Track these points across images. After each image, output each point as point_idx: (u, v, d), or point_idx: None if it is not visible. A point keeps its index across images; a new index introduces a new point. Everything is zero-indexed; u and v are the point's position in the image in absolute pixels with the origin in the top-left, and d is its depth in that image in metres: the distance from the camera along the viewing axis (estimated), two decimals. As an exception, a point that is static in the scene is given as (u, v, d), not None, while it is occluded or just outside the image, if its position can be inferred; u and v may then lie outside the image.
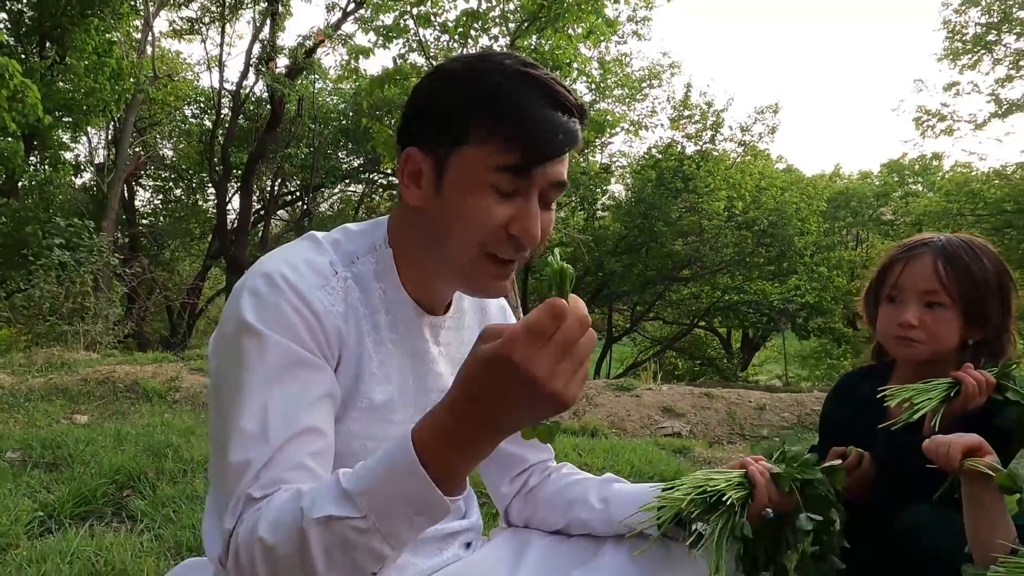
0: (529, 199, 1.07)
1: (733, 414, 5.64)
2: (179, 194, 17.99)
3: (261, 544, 0.92)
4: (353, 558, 0.89)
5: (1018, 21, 14.89)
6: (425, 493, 0.86)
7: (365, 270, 1.18)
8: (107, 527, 2.52)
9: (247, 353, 1.04)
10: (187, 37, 13.10)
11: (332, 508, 0.88)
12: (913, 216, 18.04)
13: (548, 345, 0.78)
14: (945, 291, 1.49)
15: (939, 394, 1.42)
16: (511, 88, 1.06)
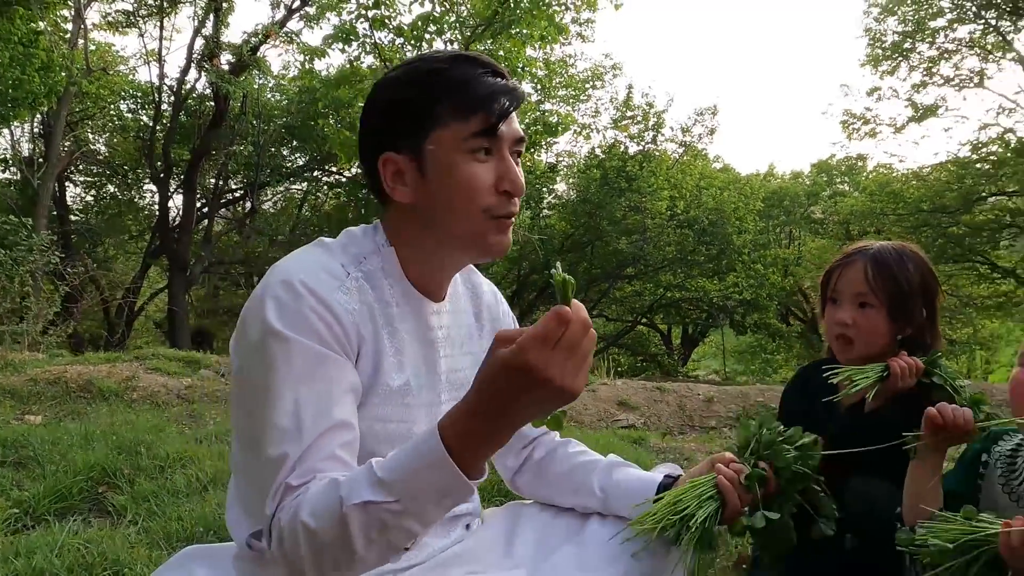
0: (503, 156, 1.23)
1: (683, 407, 5.89)
2: (113, 190, 17.35)
3: (304, 528, 1.02)
4: (388, 537, 1.01)
5: (930, 30, 15.81)
6: (452, 480, 0.98)
7: (374, 268, 1.28)
8: (88, 522, 2.53)
9: (275, 356, 1.13)
10: (122, 30, 12.64)
11: (369, 494, 0.99)
12: (841, 216, 18.89)
13: (557, 348, 0.90)
14: (873, 293, 1.71)
15: (874, 375, 1.64)
16: (453, 70, 1.23)
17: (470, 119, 1.20)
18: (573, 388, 0.92)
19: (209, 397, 4.86)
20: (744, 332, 20.23)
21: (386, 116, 1.27)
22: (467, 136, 1.20)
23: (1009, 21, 15.14)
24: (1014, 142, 14.93)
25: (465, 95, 1.21)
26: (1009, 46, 15.34)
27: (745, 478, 1.31)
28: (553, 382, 0.90)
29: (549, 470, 1.56)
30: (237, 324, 1.28)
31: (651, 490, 1.43)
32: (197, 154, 12.91)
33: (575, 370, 0.92)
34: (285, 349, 1.13)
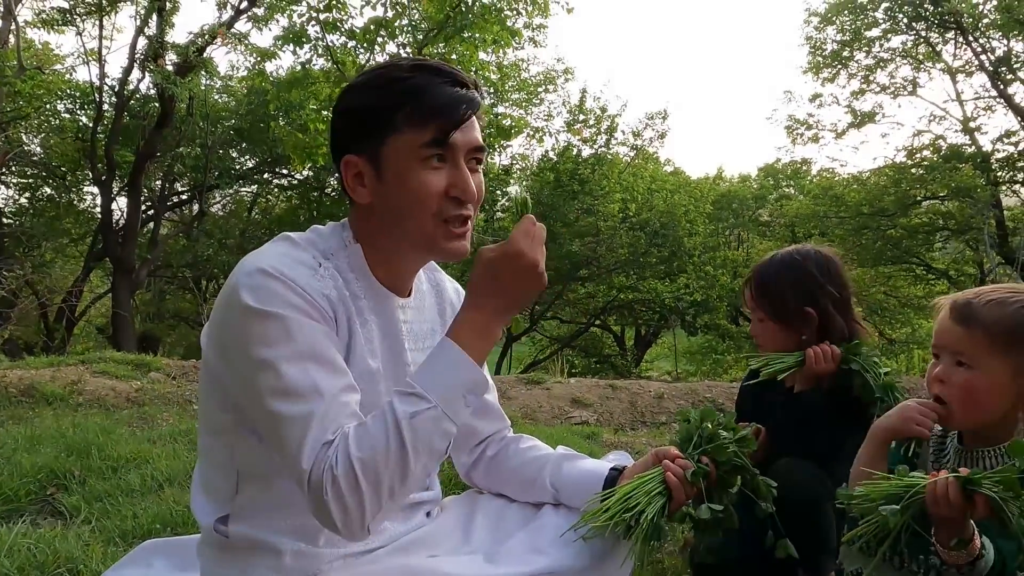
0: (457, 164, 1.29)
1: (635, 403, 5.99)
2: (50, 192, 16.72)
3: (361, 463, 1.11)
4: (432, 443, 1.15)
5: (866, 40, 16.44)
6: (472, 375, 1.18)
7: (341, 264, 1.34)
8: (37, 524, 2.48)
9: (269, 333, 1.17)
10: (59, 28, 12.20)
11: (410, 407, 1.14)
12: (787, 218, 19.46)
13: (534, 240, 1.20)
14: (760, 308, 1.92)
15: (791, 360, 1.80)
16: (413, 79, 1.29)
17: (424, 128, 1.26)
18: (545, 274, 1.22)
19: (161, 399, 4.76)
20: (695, 333, 20.60)
21: (348, 120, 1.33)
22: (422, 144, 1.26)
23: (937, 33, 15.87)
24: (945, 148, 15.63)
25: (421, 104, 1.26)
26: (938, 56, 16.07)
27: (691, 474, 1.37)
28: (537, 265, 1.19)
29: (502, 466, 1.62)
30: (211, 317, 1.31)
31: (598, 483, 1.49)
32: (142, 156, 12.56)
33: (542, 260, 1.21)
34: (277, 324, 1.18)
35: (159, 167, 15.00)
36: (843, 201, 17.06)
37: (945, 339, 1.41)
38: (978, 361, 1.36)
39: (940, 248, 17.66)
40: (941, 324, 1.43)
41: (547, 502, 1.54)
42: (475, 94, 1.31)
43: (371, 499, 1.11)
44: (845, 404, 1.80)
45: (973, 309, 1.37)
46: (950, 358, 1.40)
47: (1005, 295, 1.38)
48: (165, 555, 1.83)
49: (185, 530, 2.32)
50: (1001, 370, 1.35)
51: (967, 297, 1.42)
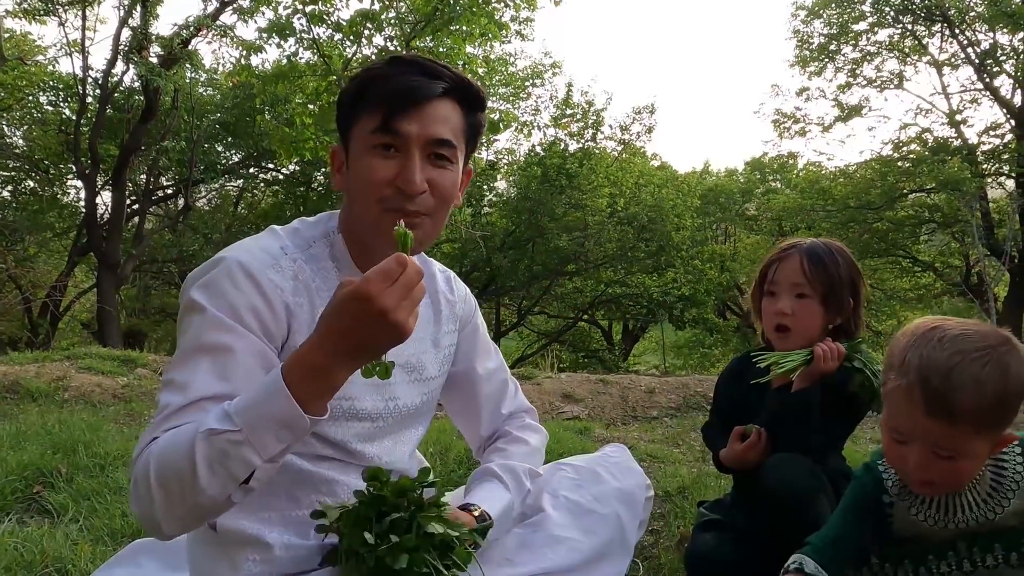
0: (408, 153, 1.27)
1: (626, 398, 6.00)
2: (33, 186, 16.50)
3: (156, 463, 1.09)
4: (228, 467, 1.06)
5: (853, 33, 16.52)
6: (290, 411, 1.06)
7: (320, 253, 1.36)
8: (23, 522, 2.44)
9: (191, 323, 1.21)
10: (40, 19, 12.01)
11: (214, 423, 1.07)
12: (774, 212, 19.55)
13: (395, 285, 1.02)
14: (809, 284, 1.82)
15: (799, 358, 1.76)
16: (381, 70, 1.31)
17: (374, 115, 1.27)
18: (405, 325, 1.03)
19: (147, 396, 4.71)
20: (683, 327, 20.69)
21: (338, 111, 1.38)
22: (369, 132, 1.28)
23: (924, 26, 15.96)
24: (931, 141, 15.74)
25: (373, 91, 1.28)
26: (924, 50, 16.17)
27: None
28: (388, 314, 1.01)
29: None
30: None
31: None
32: (126, 149, 12.41)
33: (408, 309, 1.03)
34: (200, 318, 1.21)
35: (144, 161, 14.83)
36: (830, 194, 17.15)
37: (919, 432, 1.26)
38: (962, 451, 1.25)
39: (926, 241, 17.81)
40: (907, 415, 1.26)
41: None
42: (436, 83, 1.28)
43: (162, 504, 1.08)
44: (839, 399, 1.80)
45: (954, 403, 1.20)
46: (925, 447, 1.27)
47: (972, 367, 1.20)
48: (154, 555, 1.82)
49: (175, 529, 2.29)
50: (983, 447, 1.27)
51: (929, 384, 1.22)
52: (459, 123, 1.33)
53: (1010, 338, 1.26)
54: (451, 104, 1.31)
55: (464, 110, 1.34)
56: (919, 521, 1.39)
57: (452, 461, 3.10)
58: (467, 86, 1.33)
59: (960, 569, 1.36)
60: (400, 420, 1.45)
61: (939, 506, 1.38)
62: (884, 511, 1.42)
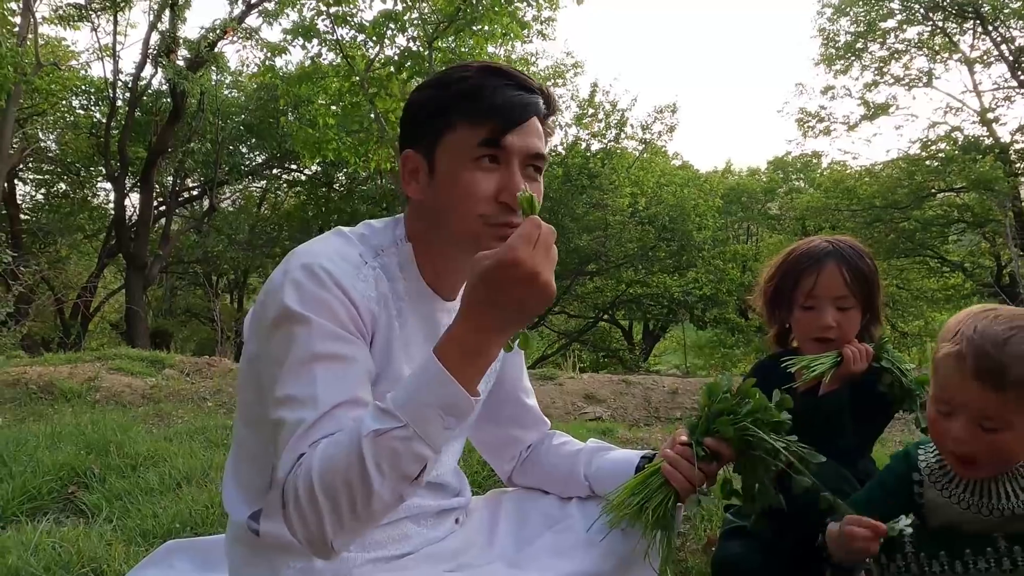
0: (510, 167, 1.24)
1: (649, 399, 5.98)
2: (65, 189, 16.84)
3: (319, 477, 1.05)
4: (399, 466, 1.05)
5: (881, 31, 16.28)
6: (453, 395, 1.05)
7: (390, 262, 1.33)
8: (60, 522, 2.50)
9: (294, 335, 1.17)
10: (74, 24, 12.27)
11: (376, 424, 1.04)
12: (797, 211, 19.35)
13: (537, 246, 1.02)
14: (852, 295, 1.78)
15: (829, 361, 1.73)
16: (477, 79, 1.27)
17: (479, 127, 1.23)
18: (551, 285, 1.03)
19: (175, 396, 4.80)
20: (704, 327, 20.56)
21: (410, 116, 1.33)
22: (474, 143, 1.23)
23: (955, 23, 15.69)
24: (961, 140, 15.47)
25: (477, 103, 1.24)
26: (955, 47, 15.90)
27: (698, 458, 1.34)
28: (539, 276, 1.01)
29: (537, 466, 1.63)
30: (254, 307, 1.32)
31: (629, 474, 1.47)
32: (154, 152, 12.62)
33: (550, 269, 1.03)
34: (304, 329, 1.17)
35: (171, 163, 15.08)
36: (855, 194, 16.93)
37: (966, 400, 1.25)
38: (1007, 423, 1.23)
39: (956, 240, 17.50)
40: (957, 383, 1.25)
41: (582, 496, 1.55)
42: (538, 99, 1.28)
43: (330, 517, 1.05)
44: (868, 400, 1.78)
45: (1006, 371, 1.19)
46: (971, 418, 1.25)
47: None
48: (186, 556, 1.84)
49: (205, 530, 2.34)
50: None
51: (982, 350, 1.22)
52: (543, 133, 1.31)
53: None
54: (538, 116, 1.30)
55: (544, 120, 1.32)
56: (951, 505, 1.36)
57: (476, 463, 3.12)
58: (549, 97, 1.32)
59: (999, 567, 1.33)
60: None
61: (974, 490, 1.35)
62: (913, 489, 1.41)
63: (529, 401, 1.65)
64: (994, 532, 1.34)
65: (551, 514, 1.56)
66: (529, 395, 1.66)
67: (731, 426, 1.37)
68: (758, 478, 1.40)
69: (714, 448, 1.37)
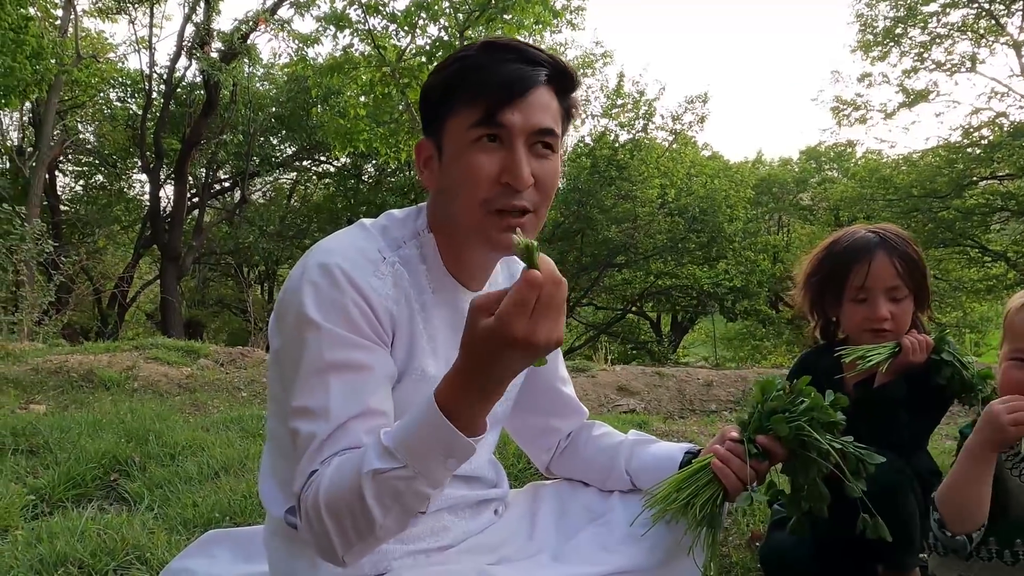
0: (513, 147, 1.18)
1: (683, 391, 5.92)
2: (102, 180, 17.18)
3: (325, 503, 1.06)
4: (402, 502, 1.04)
5: (922, 15, 15.85)
6: (453, 440, 1.02)
7: (411, 254, 1.29)
8: (104, 509, 2.54)
9: (308, 343, 1.15)
10: (112, 17, 12.48)
11: (378, 463, 1.03)
12: (831, 202, 19.00)
13: (535, 312, 0.95)
14: (905, 285, 1.73)
15: (886, 352, 1.68)
16: (476, 57, 1.21)
17: (475, 106, 1.18)
18: (557, 341, 0.98)
19: (210, 386, 4.86)
20: (734, 319, 20.32)
21: (421, 104, 1.29)
22: (470, 126, 1.18)
23: (1003, 4, 15.20)
24: (1007, 125, 15.01)
25: (473, 82, 1.19)
26: (1002, 30, 15.42)
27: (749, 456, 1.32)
28: (539, 344, 0.96)
29: (577, 457, 1.60)
30: (276, 305, 1.30)
31: (673, 468, 1.44)
32: (188, 143, 12.80)
33: (555, 325, 0.97)
34: (317, 337, 1.15)
35: (203, 154, 15.28)
36: (891, 183, 16.56)
37: None
38: None
39: (999, 230, 17.03)
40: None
41: (623, 489, 1.52)
42: (540, 71, 1.20)
43: (338, 538, 1.07)
44: (925, 393, 1.72)
45: None
46: None
47: None
48: (227, 546, 1.83)
49: (243, 519, 2.35)
50: None
51: None
52: (557, 109, 1.24)
53: None
54: (549, 90, 1.22)
55: (560, 95, 1.25)
56: (1010, 477, 1.35)
57: (512, 455, 3.10)
58: (563, 69, 1.24)
59: None
60: None
61: None
62: None
63: (566, 390, 1.62)
64: None
65: (592, 507, 1.53)
66: (566, 384, 1.63)
67: (786, 424, 1.33)
68: (808, 479, 1.35)
69: (766, 446, 1.34)
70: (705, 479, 1.33)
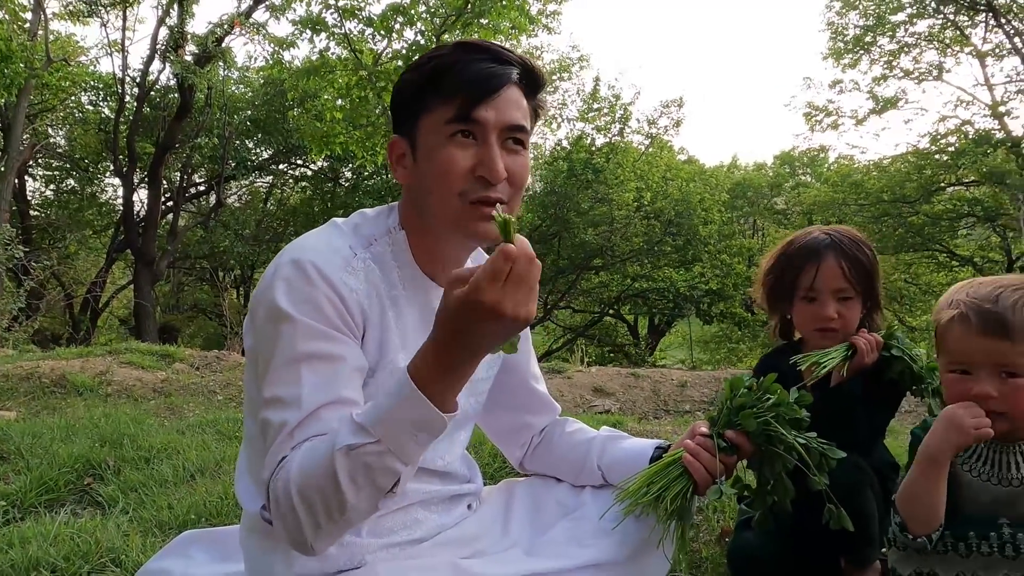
0: (487, 142, 1.23)
1: (658, 392, 5.99)
2: (73, 185, 16.90)
3: (296, 484, 1.08)
4: (373, 479, 1.06)
5: (891, 24, 16.17)
6: (425, 412, 1.05)
7: (383, 251, 1.32)
8: (77, 513, 2.52)
9: (281, 334, 1.18)
10: (84, 19, 12.30)
11: (351, 439, 1.05)
12: (804, 206, 19.27)
13: (507, 283, 0.98)
14: (851, 286, 1.80)
15: (839, 355, 1.75)
16: (450, 56, 1.26)
17: (450, 103, 1.22)
18: (526, 316, 1.01)
19: (186, 390, 4.82)
20: (710, 322, 20.51)
21: (393, 102, 1.33)
22: (445, 121, 1.23)
23: (966, 16, 15.56)
24: (972, 133, 15.36)
25: (448, 80, 1.23)
26: (967, 40, 15.77)
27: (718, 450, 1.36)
28: (507, 315, 0.98)
29: (550, 453, 1.64)
30: (250, 303, 1.32)
31: (644, 464, 1.48)
32: (162, 147, 12.65)
33: (525, 300, 1.00)
34: (290, 328, 1.18)
35: (178, 158, 15.11)
36: (862, 188, 16.85)
37: (981, 355, 1.36)
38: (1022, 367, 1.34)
39: (965, 235, 17.41)
40: (965, 341, 1.36)
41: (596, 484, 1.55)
42: (511, 70, 1.25)
43: (308, 522, 1.08)
44: (881, 389, 1.79)
45: (1006, 319, 1.33)
46: (991, 371, 1.35)
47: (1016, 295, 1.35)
48: (203, 546, 1.84)
49: (220, 520, 2.36)
50: None
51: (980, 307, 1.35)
52: (526, 107, 1.29)
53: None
54: (519, 89, 1.27)
55: (528, 93, 1.30)
56: (963, 473, 1.40)
57: (488, 454, 3.13)
58: (531, 69, 1.29)
59: (1002, 553, 1.37)
60: (455, 424, 1.45)
61: (990, 461, 1.40)
62: None
63: (539, 387, 1.66)
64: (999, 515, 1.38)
65: (565, 502, 1.56)
66: (539, 381, 1.66)
67: (754, 420, 1.38)
68: (774, 474, 1.40)
69: (734, 441, 1.38)
70: (676, 473, 1.37)
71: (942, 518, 1.38)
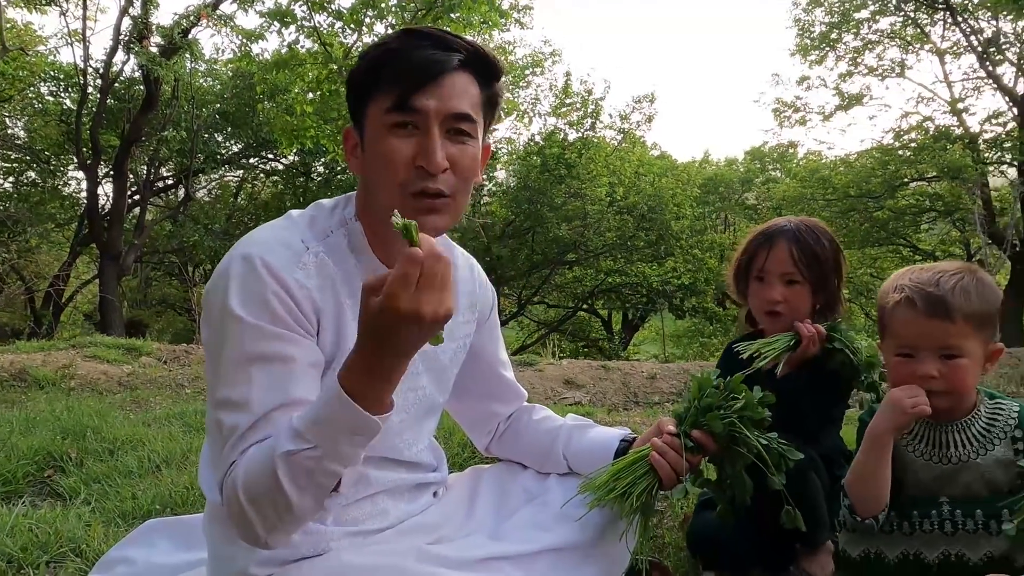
0: (428, 132, 1.21)
1: (627, 384, 6.04)
2: (34, 177, 16.48)
3: (243, 487, 1.11)
4: (315, 480, 1.09)
5: (855, 21, 16.45)
6: (357, 418, 1.07)
7: (338, 242, 1.31)
8: (36, 504, 2.48)
9: (230, 335, 1.18)
10: (41, 8, 11.99)
11: (289, 445, 1.08)
12: (774, 201, 19.53)
13: (420, 287, 0.98)
14: (799, 271, 1.86)
15: (781, 344, 1.80)
16: (394, 45, 1.25)
17: (389, 92, 1.21)
18: (445, 314, 1.01)
19: (152, 384, 4.76)
20: (683, 316, 20.70)
21: (347, 92, 1.32)
22: (385, 111, 1.21)
23: (926, 14, 15.89)
24: (932, 129, 15.69)
25: (388, 68, 1.22)
26: (926, 38, 16.10)
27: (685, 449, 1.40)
28: (426, 318, 0.99)
29: (516, 440, 1.66)
30: (203, 296, 1.32)
31: (609, 455, 1.51)
32: (127, 140, 12.40)
33: (440, 299, 1.00)
34: (240, 329, 1.17)
35: (144, 151, 14.82)
36: (830, 183, 17.13)
37: (923, 337, 1.43)
38: (963, 348, 1.42)
39: (927, 229, 17.79)
40: (911, 324, 1.44)
41: (560, 472, 1.58)
42: (453, 56, 1.22)
43: (259, 522, 1.11)
44: (825, 378, 1.84)
45: (948, 302, 1.41)
46: (932, 353, 1.43)
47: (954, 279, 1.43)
48: (167, 534, 1.84)
49: (185, 510, 2.34)
50: (978, 348, 1.44)
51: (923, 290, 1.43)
52: (477, 96, 1.26)
53: (977, 267, 1.51)
54: (468, 76, 1.24)
55: (481, 82, 1.27)
56: (906, 453, 1.48)
57: (456, 444, 3.14)
58: (483, 56, 1.26)
59: (942, 530, 1.45)
60: (420, 412, 1.45)
61: (930, 441, 1.48)
62: None
63: (507, 374, 1.67)
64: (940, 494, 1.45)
65: (530, 489, 1.58)
66: (507, 368, 1.68)
67: (720, 422, 1.42)
68: (735, 471, 1.44)
69: (700, 441, 1.42)
70: (642, 470, 1.40)
71: (887, 499, 1.44)
